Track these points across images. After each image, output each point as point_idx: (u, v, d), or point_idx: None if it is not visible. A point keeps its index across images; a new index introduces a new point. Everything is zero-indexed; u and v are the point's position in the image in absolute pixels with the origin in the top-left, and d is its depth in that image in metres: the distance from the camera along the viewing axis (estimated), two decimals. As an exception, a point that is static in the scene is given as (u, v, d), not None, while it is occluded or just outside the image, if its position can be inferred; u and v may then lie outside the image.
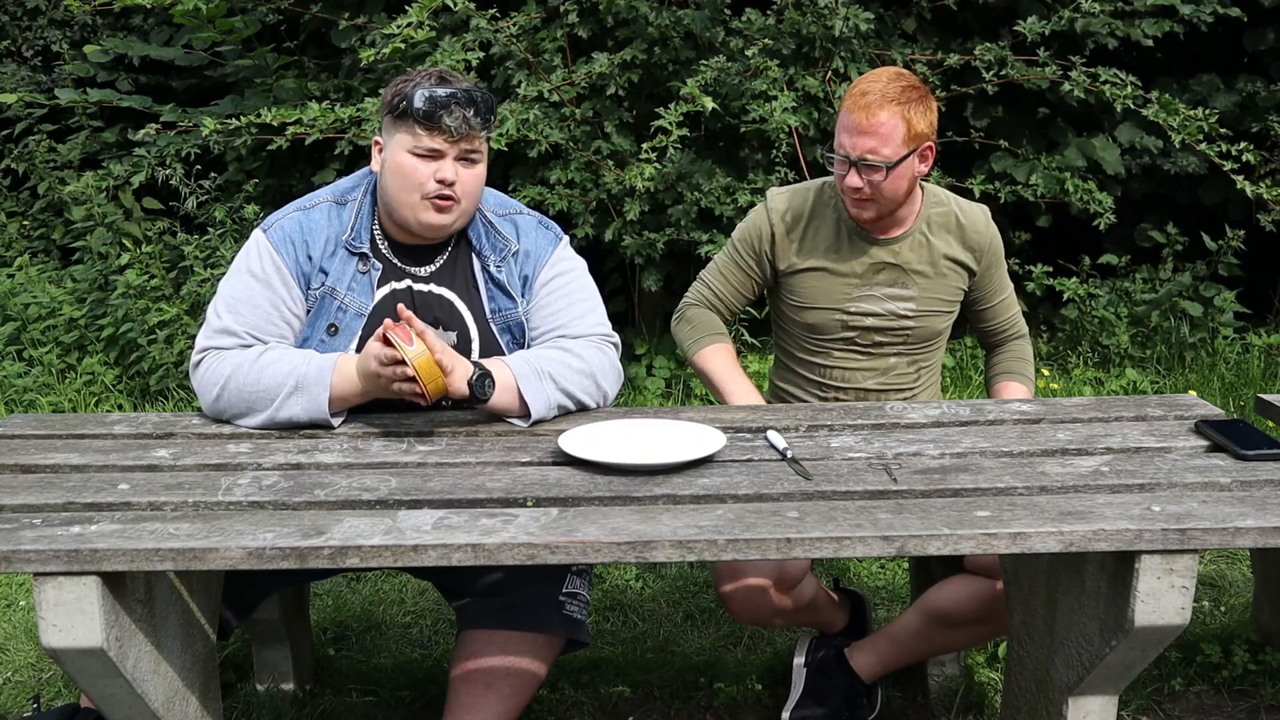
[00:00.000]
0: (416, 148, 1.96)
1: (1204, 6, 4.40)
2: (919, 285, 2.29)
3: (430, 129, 1.95)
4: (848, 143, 2.15)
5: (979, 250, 2.31)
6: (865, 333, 2.31)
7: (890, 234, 2.28)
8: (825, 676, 2.29)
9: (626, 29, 4.08)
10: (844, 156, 2.17)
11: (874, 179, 2.16)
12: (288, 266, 2.02)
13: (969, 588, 2.14)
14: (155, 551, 1.50)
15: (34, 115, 5.38)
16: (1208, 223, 4.96)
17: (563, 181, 4.04)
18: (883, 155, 2.14)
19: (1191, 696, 2.44)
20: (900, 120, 2.13)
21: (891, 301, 2.30)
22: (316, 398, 1.91)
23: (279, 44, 5.06)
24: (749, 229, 2.35)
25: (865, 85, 2.16)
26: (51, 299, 4.65)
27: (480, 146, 2.01)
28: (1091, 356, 4.64)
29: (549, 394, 1.98)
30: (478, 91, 1.98)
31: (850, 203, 2.23)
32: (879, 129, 2.12)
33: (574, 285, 2.12)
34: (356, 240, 2.05)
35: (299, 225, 2.04)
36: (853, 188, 2.17)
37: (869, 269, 2.29)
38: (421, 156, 1.97)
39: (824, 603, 2.33)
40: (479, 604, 2.03)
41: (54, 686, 2.53)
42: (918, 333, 2.33)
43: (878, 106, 2.13)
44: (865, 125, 2.13)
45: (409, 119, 1.95)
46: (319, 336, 2.04)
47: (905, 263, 2.28)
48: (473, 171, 2.01)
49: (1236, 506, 1.63)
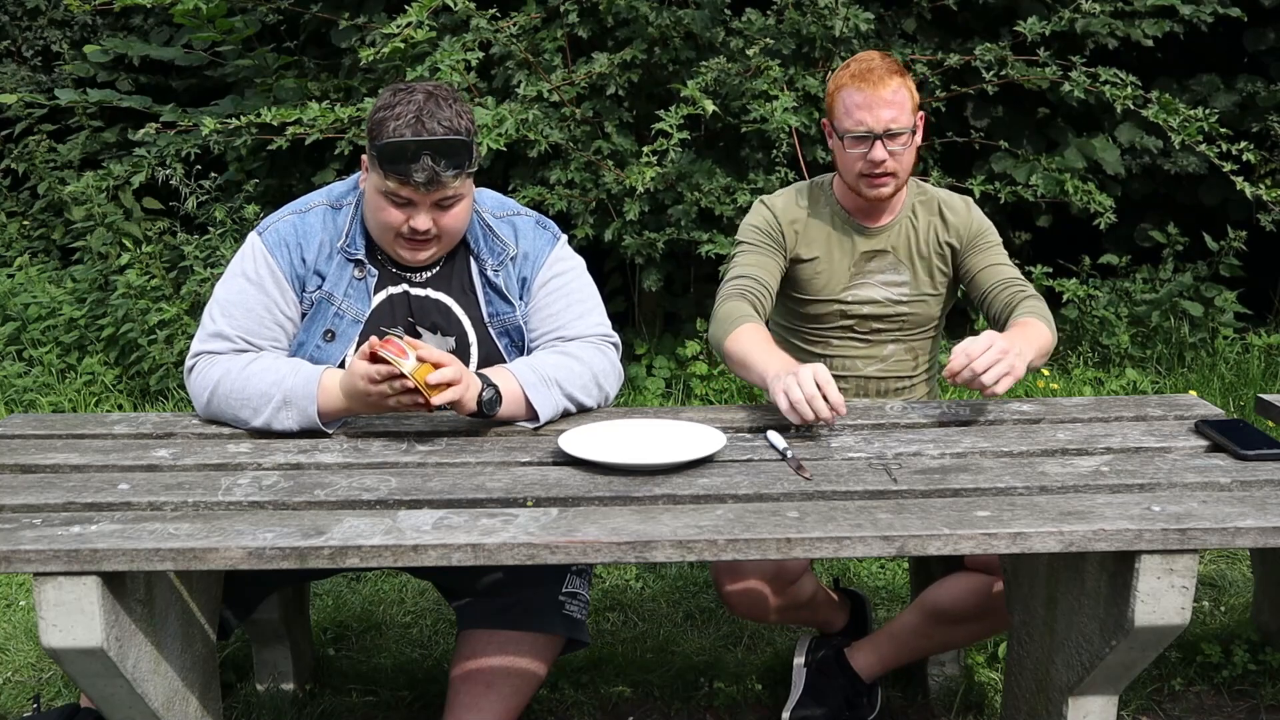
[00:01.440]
0: (390, 192, 1.91)
1: (1204, 6, 4.39)
2: (910, 270, 2.33)
3: (399, 181, 1.89)
4: (868, 118, 2.17)
5: (960, 229, 2.33)
6: (863, 320, 2.34)
7: (880, 221, 2.33)
8: (825, 676, 2.29)
9: (626, 29, 4.08)
10: (865, 133, 2.17)
11: (896, 148, 2.19)
12: (282, 269, 2.01)
13: (968, 584, 2.14)
14: (155, 551, 1.50)
15: (34, 115, 5.38)
16: (1208, 223, 4.96)
17: (563, 181, 4.04)
18: (901, 124, 2.18)
19: (1191, 696, 2.44)
20: (905, 89, 2.19)
21: (886, 288, 2.33)
22: (305, 410, 1.90)
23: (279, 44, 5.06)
24: (758, 221, 2.34)
25: (862, 65, 2.19)
26: (51, 299, 4.65)
27: (455, 191, 1.93)
28: (1091, 356, 4.64)
29: (555, 400, 1.97)
30: (452, 140, 1.87)
31: (868, 183, 2.23)
32: (894, 98, 2.16)
33: (573, 285, 2.12)
34: (352, 246, 2.04)
35: (294, 228, 2.03)
36: (878, 161, 2.18)
37: (862, 257, 2.32)
38: (394, 203, 1.92)
39: (823, 601, 2.34)
40: (479, 604, 2.03)
41: (54, 686, 2.53)
42: (913, 318, 2.36)
43: (887, 77, 2.17)
44: (882, 97, 2.16)
45: (380, 161, 1.89)
46: (315, 341, 2.03)
47: (895, 248, 2.32)
48: (451, 214, 1.96)
49: (1236, 506, 1.63)
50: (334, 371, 1.93)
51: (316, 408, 1.90)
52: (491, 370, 1.97)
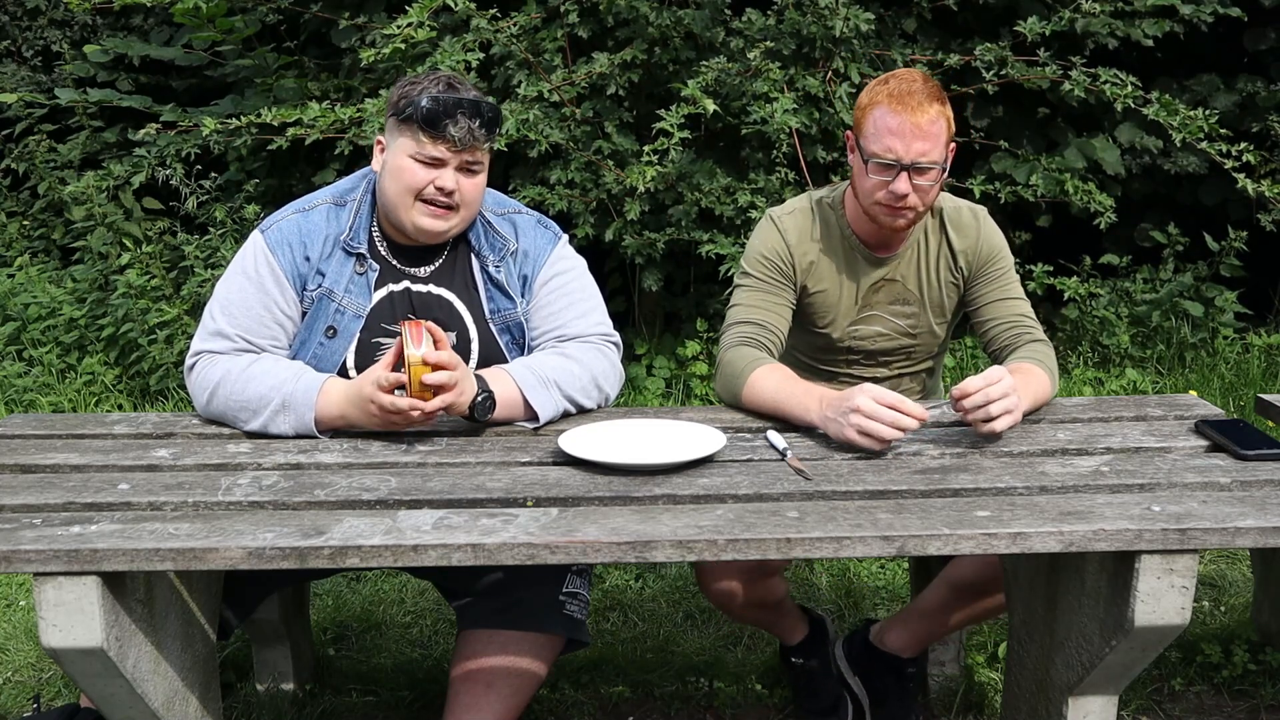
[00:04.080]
0: (418, 154, 1.96)
1: (1204, 6, 4.40)
2: (920, 300, 2.25)
3: (434, 137, 1.94)
4: (899, 147, 1.99)
5: (969, 255, 2.22)
6: (871, 354, 2.28)
7: (891, 250, 2.21)
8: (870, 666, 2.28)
9: (627, 29, 4.08)
10: (893, 162, 2.01)
11: (923, 183, 2.03)
12: (282, 268, 2.01)
13: (988, 556, 2.05)
14: (155, 551, 1.50)
15: (34, 115, 5.38)
16: (1208, 223, 4.97)
17: (563, 181, 4.04)
18: (932, 158, 2.01)
19: (1191, 696, 2.44)
20: (944, 119, 2.02)
21: (895, 319, 2.25)
22: (303, 417, 1.90)
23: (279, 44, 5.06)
24: (767, 250, 2.20)
25: (903, 85, 2.01)
26: (51, 299, 4.65)
27: (482, 157, 2.01)
28: (1092, 356, 4.64)
29: (555, 401, 1.98)
30: (484, 102, 1.97)
31: (886, 212, 2.07)
32: (930, 129, 1.99)
33: (574, 284, 2.12)
34: (354, 240, 2.04)
35: (297, 227, 2.04)
36: (900, 194, 2.02)
37: (870, 288, 2.23)
38: (422, 163, 1.97)
39: (790, 609, 2.32)
40: (479, 604, 2.03)
41: (54, 686, 2.53)
42: (921, 350, 2.30)
43: (924, 103, 1.99)
44: (919, 127, 1.98)
45: (413, 124, 1.95)
46: (317, 339, 2.03)
47: (905, 277, 2.23)
48: (473, 181, 2.00)
49: (1236, 506, 1.63)
50: (337, 380, 1.94)
51: (315, 414, 1.90)
52: (489, 372, 1.97)
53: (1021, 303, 2.22)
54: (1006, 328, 2.19)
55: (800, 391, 1.95)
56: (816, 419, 1.90)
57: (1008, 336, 2.18)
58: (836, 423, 1.85)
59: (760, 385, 2.01)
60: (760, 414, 2.02)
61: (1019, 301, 2.22)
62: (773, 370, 2.02)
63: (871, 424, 1.79)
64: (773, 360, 2.08)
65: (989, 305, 2.22)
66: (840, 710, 2.30)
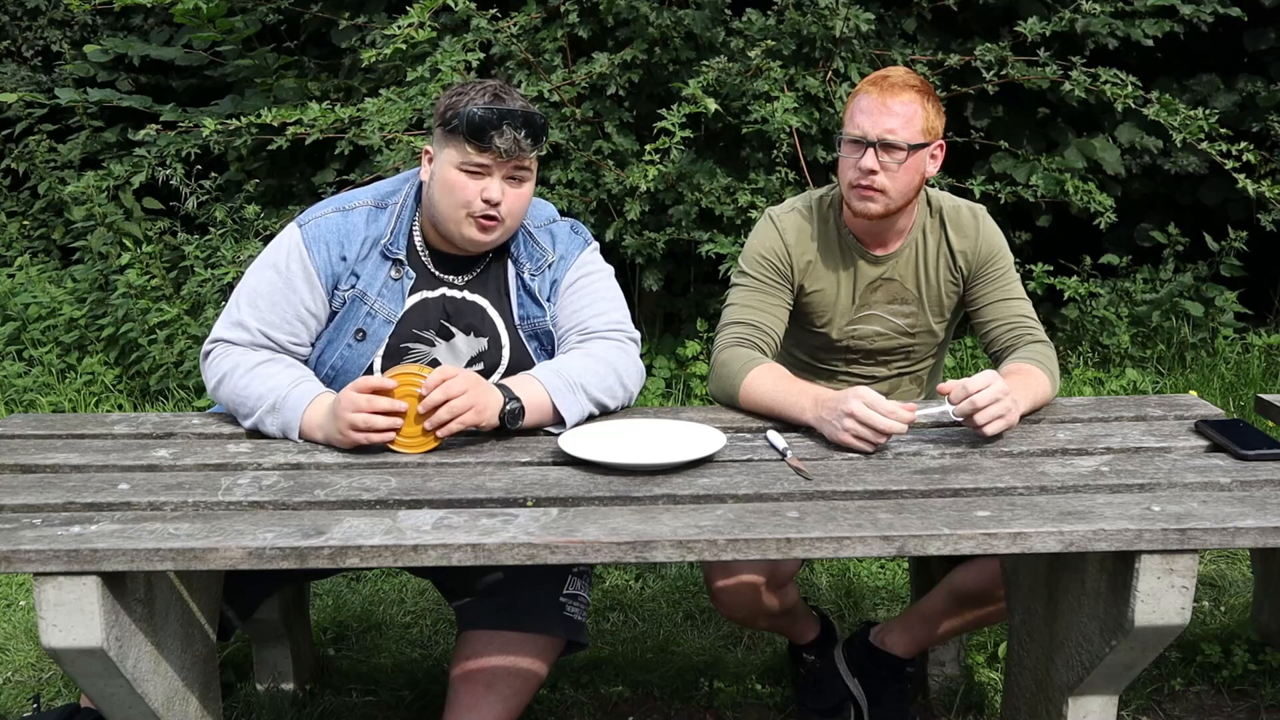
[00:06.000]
0: (465, 164, 1.95)
1: (1204, 6, 4.40)
2: (918, 299, 2.25)
3: (480, 148, 1.93)
4: (866, 123, 2.06)
5: (969, 255, 2.22)
6: (870, 353, 2.28)
7: (888, 249, 2.22)
8: (869, 666, 2.29)
9: (627, 29, 4.08)
10: (859, 138, 2.07)
11: (890, 161, 2.06)
12: (316, 265, 2.01)
13: (990, 565, 2.09)
14: (155, 551, 1.50)
15: (34, 115, 5.38)
16: (1208, 223, 4.97)
17: (563, 181, 4.04)
18: (901, 138, 2.05)
19: (1191, 696, 2.44)
20: (920, 107, 2.07)
21: (893, 318, 2.25)
22: (289, 423, 1.90)
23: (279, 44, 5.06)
24: (765, 250, 2.21)
25: (884, 74, 2.10)
26: (51, 299, 4.65)
27: (530, 165, 1.99)
28: (1092, 356, 4.64)
29: (581, 404, 1.97)
30: (531, 113, 1.96)
31: (857, 195, 2.10)
32: (901, 110, 2.05)
33: (598, 285, 2.12)
34: (394, 245, 2.03)
35: (337, 226, 2.03)
36: (866, 169, 2.06)
37: (867, 288, 2.23)
38: (469, 173, 1.96)
39: (802, 611, 2.33)
40: (479, 604, 2.03)
41: (54, 686, 2.53)
42: (920, 349, 2.30)
43: (900, 88, 2.07)
44: (887, 105, 2.05)
45: (459, 135, 1.94)
46: (345, 340, 2.03)
47: (903, 276, 2.23)
48: (519, 191, 1.99)
49: (1236, 506, 1.63)
50: (329, 394, 1.93)
51: (300, 423, 1.89)
52: (515, 379, 1.95)
53: (1022, 303, 2.23)
54: (1007, 328, 2.20)
55: (796, 391, 1.97)
56: (811, 419, 1.92)
57: (1009, 337, 2.19)
58: (831, 424, 1.87)
59: (756, 385, 2.03)
60: (756, 414, 2.03)
61: (1020, 302, 2.23)
62: (768, 370, 2.04)
63: (864, 429, 1.83)
64: (768, 360, 2.09)
65: (989, 306, 2.23)
66: (844, 711, 2.30)
